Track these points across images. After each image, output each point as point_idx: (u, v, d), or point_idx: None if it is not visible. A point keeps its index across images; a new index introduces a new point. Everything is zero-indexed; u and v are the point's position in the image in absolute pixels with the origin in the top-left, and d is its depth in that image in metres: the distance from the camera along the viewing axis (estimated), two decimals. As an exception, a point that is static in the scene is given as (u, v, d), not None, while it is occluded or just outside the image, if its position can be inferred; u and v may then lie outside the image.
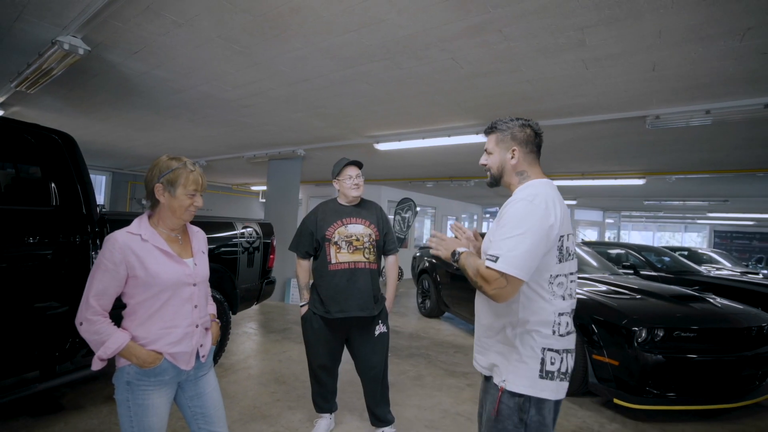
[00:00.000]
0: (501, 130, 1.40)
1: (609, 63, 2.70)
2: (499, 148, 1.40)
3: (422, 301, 6.43)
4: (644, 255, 6.44)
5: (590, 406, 3.21)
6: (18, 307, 2.10)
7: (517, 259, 1.16)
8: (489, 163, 1.45)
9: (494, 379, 1.34)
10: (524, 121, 1.39)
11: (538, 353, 1.25)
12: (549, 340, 1.26)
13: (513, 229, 1.20)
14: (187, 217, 1.47)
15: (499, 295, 1.19)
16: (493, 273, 1.18)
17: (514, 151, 1.37)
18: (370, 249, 2.34)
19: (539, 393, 1.24)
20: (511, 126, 1.39)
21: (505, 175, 1.41)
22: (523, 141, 1.37)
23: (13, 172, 2.44)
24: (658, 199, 10.23)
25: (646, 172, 6.68)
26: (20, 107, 5.06)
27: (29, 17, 2.59)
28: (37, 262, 2.18)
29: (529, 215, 1.21)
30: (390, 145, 5.37)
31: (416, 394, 3.27)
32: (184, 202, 1.42)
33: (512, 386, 1.26)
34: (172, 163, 1.42)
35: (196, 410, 1.53)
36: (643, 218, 17.16)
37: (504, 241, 1.20)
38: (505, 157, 1.39)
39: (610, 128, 4.23)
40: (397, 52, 2.77)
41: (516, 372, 1.26)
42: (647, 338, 2.92)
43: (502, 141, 1.40)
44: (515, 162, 1.37)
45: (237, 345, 4.31)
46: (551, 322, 1.26)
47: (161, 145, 6.94)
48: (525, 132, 1.37)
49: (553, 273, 1.26)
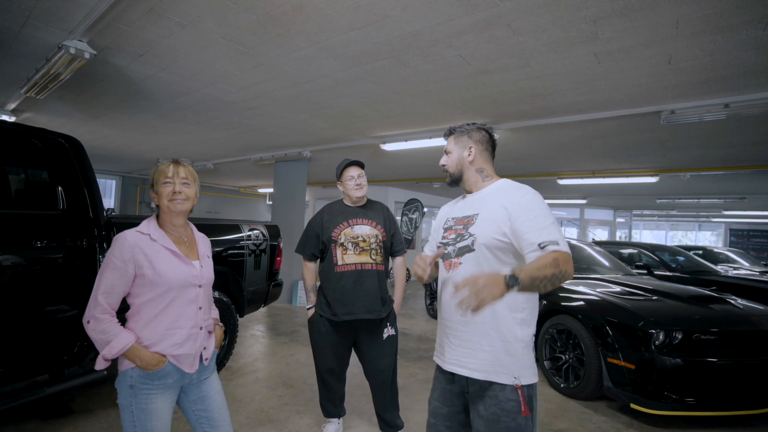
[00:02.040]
0: (459, 132, 1.51)
1: (622, 56, 2.62)
2: (457, 147, 1.50)
3: (431, 302, 6.37)
4: (658, 254, 6.30)
5: (605, 411, 3.12)
6: (29, 310, 2.11)
7: (564, 240, 1.24)
8: (447, 162, 1.53)
9: (501, 379, 1.30)
10: (480, 125, 1.51)
11: (532, 341, 1.35)
12: (533, 325, 1.36)
13: (548, 215, 1.28)
14: (177, 208, 1.44)
15: (570, 271, 1.20)
16: (567, 252, 1.21)
17: (471, 149, 1.47)
18: (377, 250, 2.30)
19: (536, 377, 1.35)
20: (468, 128, 1.51)
21: (465, 171, 1.49)
22: (479, 140, 1.48)
23: (23, 176, 2.44)
24: (671, 197, 10.03)
25: (659, 170, 6.54)
26: (31, 113, 5.12)
27: (36, 22, 2.60)
28: (45, 265, 2.18)
29: (545, 203, 1.32)
30: (396, 145, 5.33)
31: (426, 398, 3.19)
32: (164, 191, 1.43)
33: (528, 379, 1.31)
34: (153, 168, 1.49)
35: (200, 414, 1.52)
36: (655, 217, 16.84)
37: (548, 228, 1.25)
38: (462, 154, 1.49)
39: (623, 125, 4.13)
40: (402, 50, 2.72)
41: (527, 365, 1.32)
42: (665, 341, 2.83)
43: (460, 141, 1.50)
44: (472, 158, 1.47)
45: (245, 348, 4.29)
46: (536, 306, 1.37)
47: (168, 148, 6.97)
48: (480, 133, 1.49)
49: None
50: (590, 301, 3.38)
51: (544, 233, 1.23)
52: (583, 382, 3.19)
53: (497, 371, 1.32)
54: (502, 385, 1.30)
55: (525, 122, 4.19)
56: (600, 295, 3.43)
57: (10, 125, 2.27)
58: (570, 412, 3.07)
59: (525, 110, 3.87)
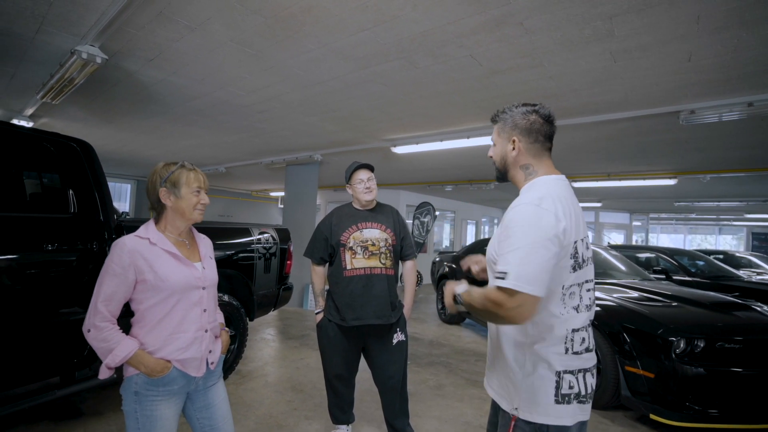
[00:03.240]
0: (502, 119, 1.25)
1: (639, 54, 2.53)
2: (501, 139, 1.25)
3: (442, 307, 6.29)
4: (677, 259, 6.12)
5: (623, 421, 3.01)
6: (40, 313, 2.12)
7: (529, 273, 0.99)
8: (492, 155, 1.30)
9: (503, 404, 1.21)
10: (530, 107, 1.21)
11: (552, 376, 1.11)
12: (562, 360, 1.11)
13: (521, 238, 1.03)
14: (197, 216, 1.46)
15: (515, 317, 1.01)
16: (503, 293, 1.01)
17: (515, 141, 1.21)
18: (386, 254, 2.25)
19: (557, 420, 1.10)
20: (513, 114, 1.21)
21: (509, 168, 1.24)
22: (526, 129, 1.19)
23: (37, 180, 2.47)
24: (690, 200, 9.78)
25: (678, 172, 6.37)
26: (48, 118, 5.23)
27: (49, 28, 2.63)
28: (56, 268, 2.19)
29: (538, 221, 1.04)
30: (407, 148, 5.28)
31: (437, 405, 3.14)
32: (191, 200, 1.42)
33: (525, 414, 1.12)
34: (170, 166, 1.44)
35: (204, 422, 1.50)
36: (673, 220, 16.46)
37: (512, 253, 1.02)
38: (506, 148, 1.23)
39: (640, 126, 4.01)
40: (412, 51, 2.69)
41: (528, 399, 1.12)
42: (686, 349, 2.72)
43: (503, 130, 1.24)
44: (516, 154, 1.21)
45: (255, 351, 4.28)
46: (563, 339, 1.11)
47: (181, 152, 7.05)
48: (528, 119, 1.19)
49: (566, 284, 1.11)
50: (606, 306, 3.28)
51: (501, 260, 1.05)
52: (599, 390, 3.09)
53: (501, 395, 1.23)
54: (506, 412, 1.19)
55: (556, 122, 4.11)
56: (616, 301, 3.32)
57: (23, 130, 2.30)
58: (586, 422, 2.97)
59: (538, 111, 3.79)
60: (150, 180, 1.44)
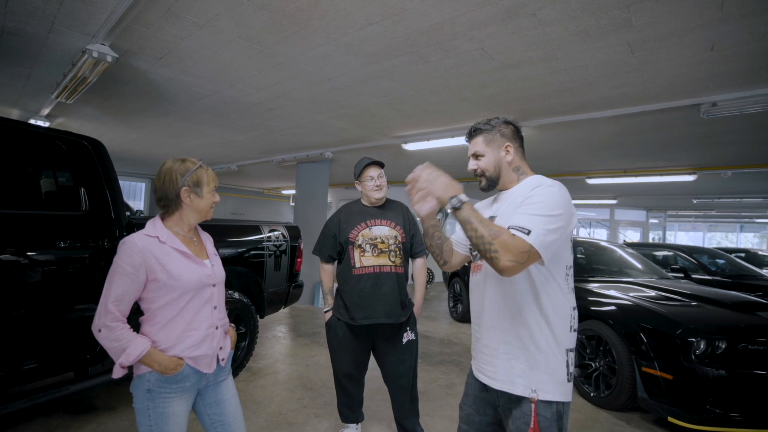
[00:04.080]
0: (487, 131, 1.35)
1: (658, 45, 2.44)
2: (491, 148, 1.34)
3: (454, 305, 6.24)
4: (696, 257, 5.94)
5: (639, 424, 2.93)
6: (55, 309, 2.15)
7: (548, 238, 1.09)
8: (481, 165, 1.35)
9: (517, 390, 1.20)
10: (504, 118, 1.36)
11: (564, 354, 1.19)
12: (568, 337, 1.21)
13: (548, 208, 1.12)
14: (211, 215, 1.50)
15: (512, 269, 1.06)
16: (522, 244, 1.06)
17: (508, 147, 1.33)
18: (396, 252, 2.22)
19: (568, 397, 1.20)
20: (494, 124, 1.35)
21: (504, 173, 1.34)
22: (511, 136, 1.34)
23: (50, 178, 2.50)
24: (710, 196, 9.50)
25: (697, 167, 6.18)
26: (64, 118, 5.32)
27: (61, 28, 2.66)
28: (68, 265, 2.21)
29: (564, 200, 1.15)
30: (418, 145, 5.24)
31: (448, 405, 3.10)
32: (210, 200, 1.44)
33: (546, 394, 1.17)
34: (187, 164, 1.41)
35: (214, 418, 1.49)
36: (692, 218, 16.04)
37: (538, 217, 1.10)
38: (499, 155, 1.33)
39: (658, 120, 3.89)
40: (421, 45, 2.64)
41: (547, 378, 1.18)
42: (706, 350, 2.62)
43: (492, 140, 1.34)
44: (511, 158, 1.33)
45: (266, 348, 4.29)
46: (569, 317, 1.22)
47: (192, 151, 7.12)
48: (510, 128, 1.35)
49: (568, 264, 1.23)
50: (622, 305, 3.19)
51: (524, 218, 1.10)
52: (614, 391, 3.01)
53: (513, 381, 1.21)
54: (521, 398, 1.19)
55: (552, 119, 4.02)
56: (633, 300, 3.23)
57: (35, 128, 2.32)
58: (601, 424, 2.90)
59: (552, 106, 3.70)
60: (166, 176, 1.39)
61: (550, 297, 1.20)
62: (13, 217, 2.06)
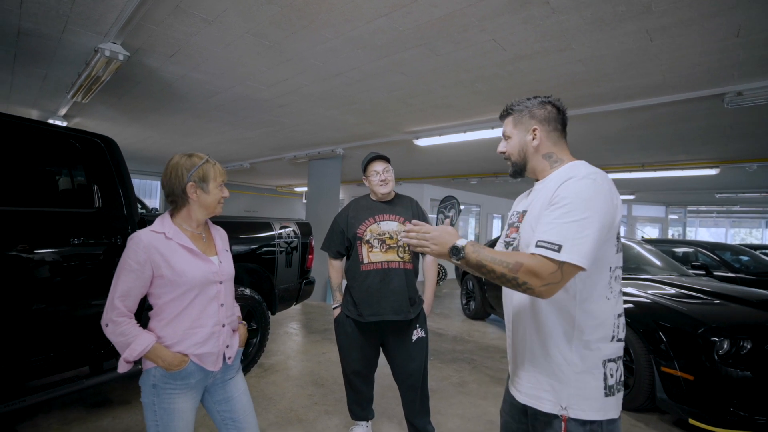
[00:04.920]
0: (517, 111, 1.24)
1: (679, 31, 2.33)
2: (518, 130, 1.24)
3: (467, 302, 6.17)
4: (718, 254, 5.74)
5: (658, 425, 2.84)
6: (70, 304, 2.20)
7: (584, 247, 0.95)
8: (508, 149, 1.27)
9: (545, 407, 1.10)
10: (543, 98, 1.22)
11: (600, 367, 1.05)
12: (608, 348, 1.06)
13: (578, 211, 0.99)
14: (219, 210, 1.48)
15: (548, 292, 0.96)
16: (548, 265, 0.95)
17: (535, 131, 1.20)
18: (404, 248, 2.18)
19: (608, 414, 1.04)
20: (528, 105, 1.22)
21: (530, 159, 1.22)
22: (544, 119, 1.20)
23: (64, 176, 2.54)
24: (733, 190, 9.17)
25: (720, 161, 5.96)
26: (81, 118, 5.43)
27: (74, 27, 2.69)
28: (82, 261, 2.24)
29: (597, 195, 1.01)
30: (430, 140, 5.18)
31: (459, 403, 3.06)
32: (217, 195, 1.43)
33: (578, 413, 1.04)
34: (193, 159, 1.40)
35: (225, 415, 1.49)
36: (714, 213, 15.54)
37: (566, 225, 0.98)
38: (525, 139, 1.22)
39: (678, 111, 3.75)
40: (431, 37, 2.58)
41: (579, 395, 1.05)
42: (730, 350, 2.52)
43: (520, 122, 1.23)
44: (537, 143, 1.20)
45: (278, 345, 4.31)
46: (611, 325, 1.07)
47: (205, 149, 7.20)
48: (545, 109, 1.20)
49: (612, 265, 1.08)
50: (640, 303, 3.09)
51: (553, 231, 0.98)
52: (632, 391, 2.92)
53: (539, 396, 1.11)
54: (550, 415, 1.08)
55: (567, 112, 3.91)
56: (651, 297, 3.12)
57: (49, 127, 2.35)
58: (618, 425, 2.82)
59: (566, 98, 3.60)
60: (172, 172, 1.39)
61: (587, 303, 1.06)
62: (28, 214, 2.09)
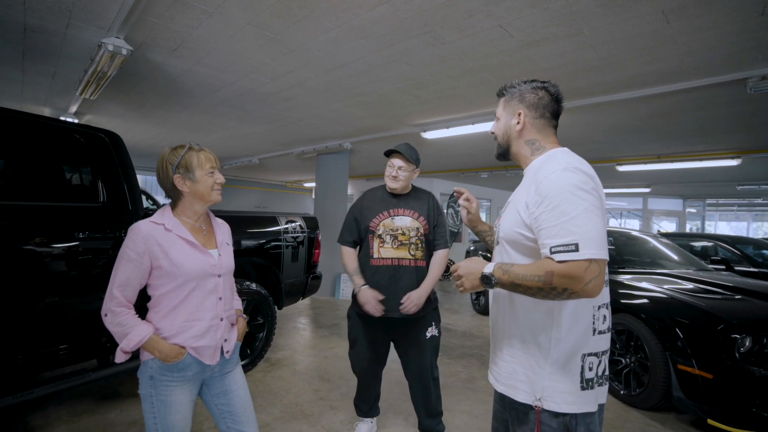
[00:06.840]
0: (509, 93, 1.22)
1: (698, 12, 2.21)
2: (506, 113, 1.22)
3: (476, 297, 6.10)
4: (739, 248, 5.54)
5: (675, 425, 2.74)
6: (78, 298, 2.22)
7: (597, 238, 0.94)
8: (495, 130, 1.25)
9: (519, 397, 1.09)
10: (539, 83, 1.18)
11: (578, 361, 1.04)
12: (587, 341, 1.05)
13: (574, 205, 0.96)
14: (216, 197, 1.43)
15: (593, 289, 0.93)
16: (577, 265, 0.92)
17: (520, 115, 1.17)
18: (417, 245, 2.12)
19: (583, 408, 1.03)
20: (521, 88, 1.19)
21: (512, 143, 1.20)
22: (532, 105, 1.16)
23: (73, 171, 2.55)
24: (755, 182, 8.82)
25: (742, 151, 5.73)
26: (91, 115, 5.49)
27: (77, 22, 2.69)
28: (87, 255, 2.25)
29: (583, 185, 0.99)
30: (438, 133, 5.09)
31: (467, 399, 3.01)
32: (208, 182, 1.39)
33: (551, 405, 1.04)
34: (177, 151, 1.39)
35: (223, 408, 1.49)
36: (735, 206, 15.06)
37: (571, 221, 0.95)
38: (510, 122, 1.20)
39: (697, 98, 3.59)
40: (436, 24, 2.51)
41: (553, 387, 1.04)
42: (752, 348, 2.41)
43: (509, 104, 1.21)
44: (520, 128, 1.17)
45: (285, 339, 4.31)
46: (590, 317, 1.06)
47: (213, 145, 7.22)
48: (536, 94, 1.16)
49: None
50: (656, 299, 2.99)
51: (560, 232, 0.95)
52: (647, 390, 2.83)
53: (515, 386, 1.11)
54: (525, 405, 1.08)
55: (578, 101, 3.78)
56: (668, 293, 3.01)
57: (54, 122, 2.36)
58: (632, 424, 2.73)
59: (578, 87, 3.48)
60: (160, 168, 1.39)
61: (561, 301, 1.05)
62: (34, 208, 2.11)
